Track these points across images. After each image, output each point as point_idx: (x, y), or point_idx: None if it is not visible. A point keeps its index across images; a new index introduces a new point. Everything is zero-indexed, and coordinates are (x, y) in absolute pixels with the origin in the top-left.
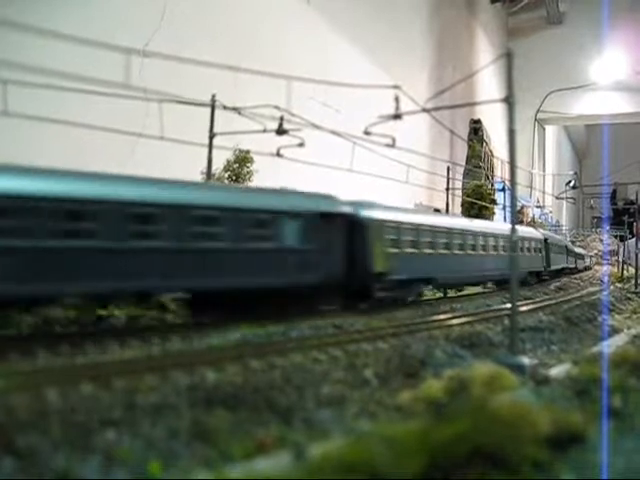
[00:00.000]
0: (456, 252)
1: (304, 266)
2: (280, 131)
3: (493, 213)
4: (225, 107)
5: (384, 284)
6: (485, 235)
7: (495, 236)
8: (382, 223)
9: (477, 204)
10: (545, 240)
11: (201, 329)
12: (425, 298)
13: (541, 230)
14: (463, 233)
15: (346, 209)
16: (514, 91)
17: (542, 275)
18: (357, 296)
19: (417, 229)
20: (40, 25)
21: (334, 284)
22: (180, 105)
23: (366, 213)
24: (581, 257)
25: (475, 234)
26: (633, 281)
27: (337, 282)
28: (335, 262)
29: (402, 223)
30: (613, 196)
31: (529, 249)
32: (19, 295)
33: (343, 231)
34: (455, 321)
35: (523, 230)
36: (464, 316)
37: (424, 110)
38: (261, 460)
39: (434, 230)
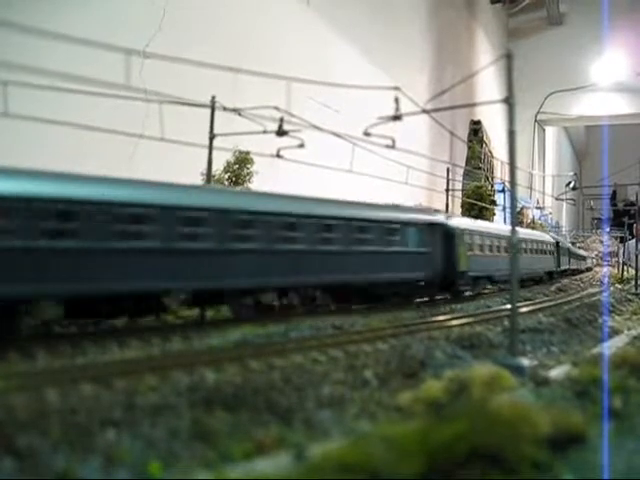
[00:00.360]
0: (504, 254)
1: (419, 264)
2: (280, 132)
3: (493, 214)
4: (225, 108)
5: (464, 280)
6: (526, 240)
7: (528, 241)
8: (463, 231)
9: (477, 205)
10: (557, 243)
11: (201, 329)
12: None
13: (551, 234)
14: (507, 237)
15: (441, 219)
16: (514, 92)
17: (554, 274)
18: (445, 288)
19: (482, 235)
20: (40, 26)
21: (436, 279)
22: (180, 106)
23: (453, 223)
24: (583, 258)
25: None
26: (633, 282)
27: (438, 277)
28: (437, 261)
29: (474, 231)
30: (613, 197)
31: (546, 252)
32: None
33: (441, 237)
34: (455, 322)
35: (539, 234)
36: (464, 317)
37: (424, 111)
38: (261, 460)
39: (491, 236)
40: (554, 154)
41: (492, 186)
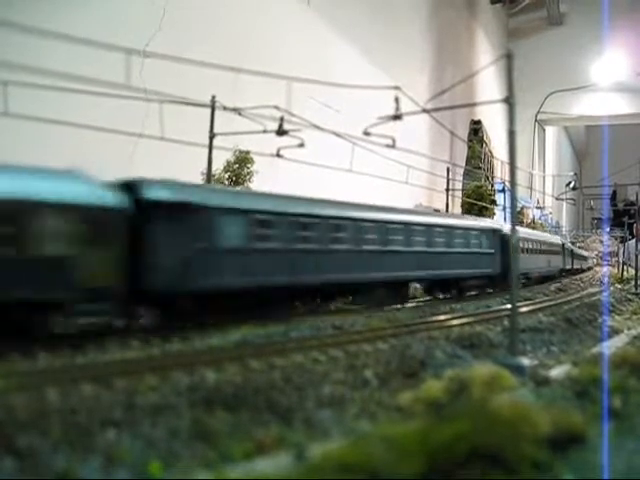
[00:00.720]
0: (532, 255)
1: (490, 263)
2: (280, 132)
3: (493, 214)
4: (225, 108)
5: None
6: (544, 242)
7: (545, 243)
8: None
9: (477, 205)
10: (563, 245)
11: (201, 329)
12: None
13: (558, 236)
14: (534, 240)
15: (498, 226)
16: (514, 92)
17: (563, 271)
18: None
19: (524, 239)
20: (41, 26)
21: (500, 274)
22: (180, 105)
23: (505, 229)
24: (584, 258)
25: (537, 241)
26: (633, 282)
27: (500, 273)
28: (498, 260)
29: (520, 236)
30: (613, 197)
31: (557, 252)
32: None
33: (499, 241)
34: (455, 322)
35: (551, 237)
36: (464, 317)
37: (424, 111)
38: (261, 460)
39: (529, 240)
40: (554, 154)
41: (492, 186)
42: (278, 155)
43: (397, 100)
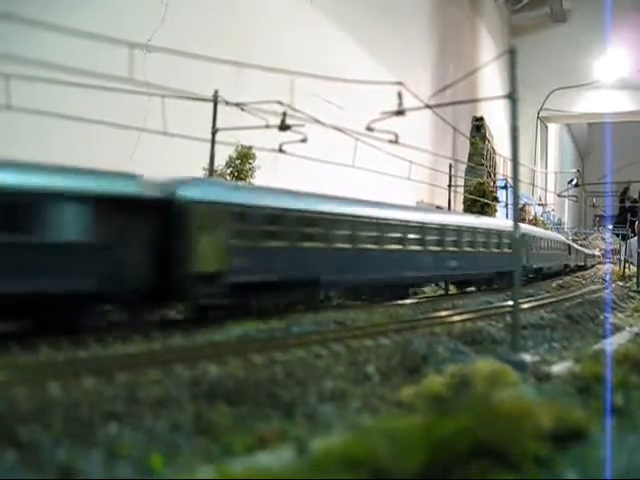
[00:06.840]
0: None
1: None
2: (283, 127)
3: (495, 211)
4: (227, 103)
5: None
6: (552, 240)
7: (553, 240)
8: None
9: (479, 201)
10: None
11: (202, 324)
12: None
13: (568, 241)
14: (544, 238)
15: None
16: (517, 88)
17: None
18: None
19: (543, 239)
20: (43, 19)
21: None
22: (183, 100)
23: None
24: (591, 256)
25: (547, 239)
26: (635, 279)
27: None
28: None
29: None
30: (623, 194)
31: (563, 251)
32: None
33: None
34: (457, 318)
35: (555, 236)
36: (466, 313)
37: (427, 106)
38: (263, 454)
39: (541, 237)
40: (556, 151)
41: (494, 182)
42: (281, 150)
43: (400, 96)
